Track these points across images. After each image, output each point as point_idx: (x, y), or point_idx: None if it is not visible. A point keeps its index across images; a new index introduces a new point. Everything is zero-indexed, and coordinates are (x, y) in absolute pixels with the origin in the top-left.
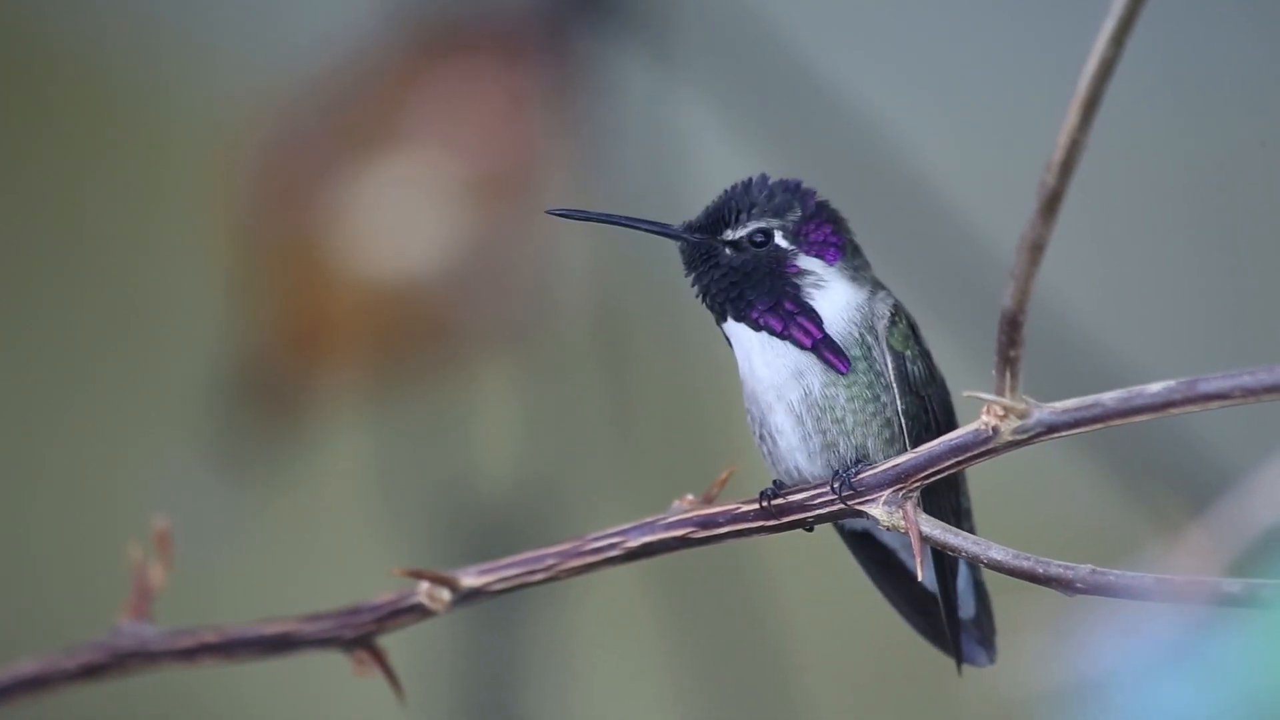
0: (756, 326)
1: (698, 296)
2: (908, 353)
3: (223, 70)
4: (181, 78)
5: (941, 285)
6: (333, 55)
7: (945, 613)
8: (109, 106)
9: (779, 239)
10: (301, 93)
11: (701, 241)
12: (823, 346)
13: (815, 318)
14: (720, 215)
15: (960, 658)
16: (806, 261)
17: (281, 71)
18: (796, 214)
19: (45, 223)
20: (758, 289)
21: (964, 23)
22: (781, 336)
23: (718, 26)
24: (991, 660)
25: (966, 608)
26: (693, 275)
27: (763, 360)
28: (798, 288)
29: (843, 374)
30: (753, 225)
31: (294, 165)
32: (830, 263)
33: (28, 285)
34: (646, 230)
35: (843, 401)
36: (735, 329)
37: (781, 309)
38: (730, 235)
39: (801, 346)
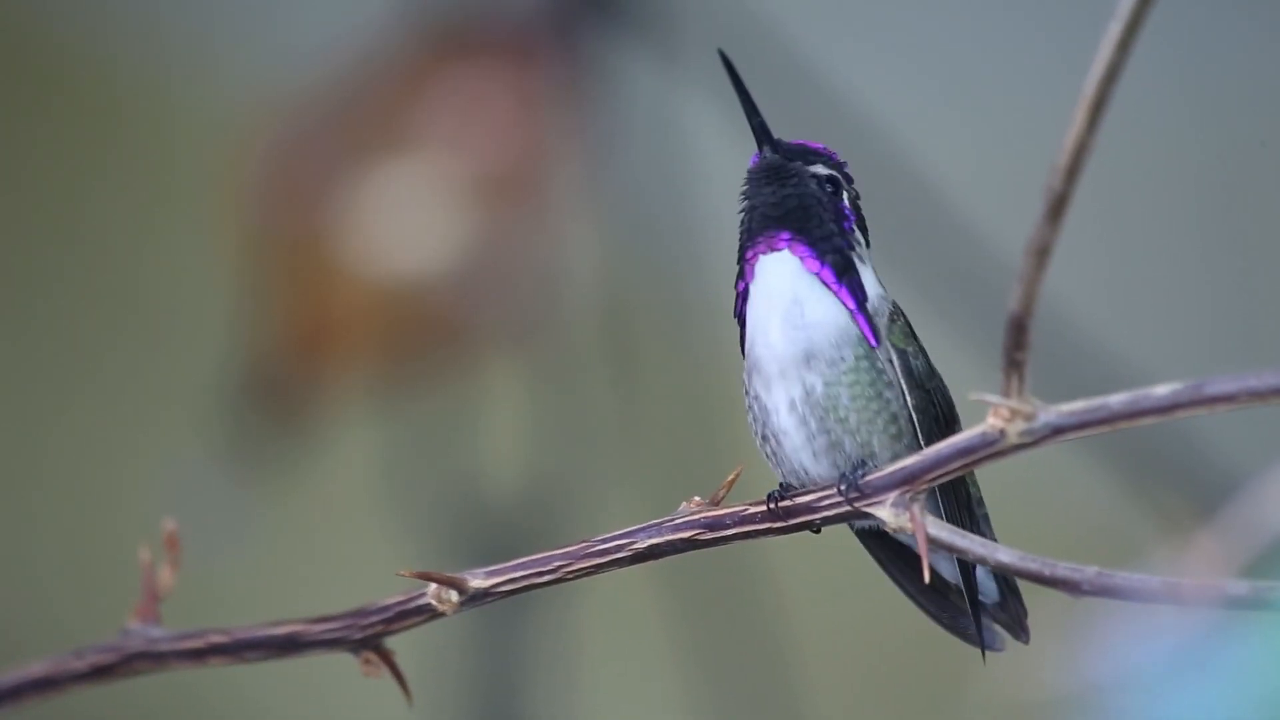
0: (822, 257)
1: (755, 214)
2: (910, 349)
3: (231, 71)
4: (190, 79)
5: (948, 287)
6: (341, 57)
7: (969, 602)
8: (117, 107)
9: (844, 198)
10: (310, 94)
11: (789, 162)
12: (860, 313)
13: (860, 284)
14: (806, 152)
15: (984, 646)
16: (856, 232)
17: (290, 73)
18: (852, 187)
19: (53, 223)
20: (824, 228)
21: (971, 24)
22: (836, 285)
23: (723, 27)
24: (1025, 641)
25: (989, 593)
26: (765, 188)
27: (781, 330)
28: (852, 247)
29: (874, 348)
30: (831, 172)
31: (302, 166)
32: (867, 246)
33: (35, 285)
34: (753, 122)
35: (845, 401)
36: (773, 271)
37: (840, 259)
38: (820, 171)
39: (845, 306)
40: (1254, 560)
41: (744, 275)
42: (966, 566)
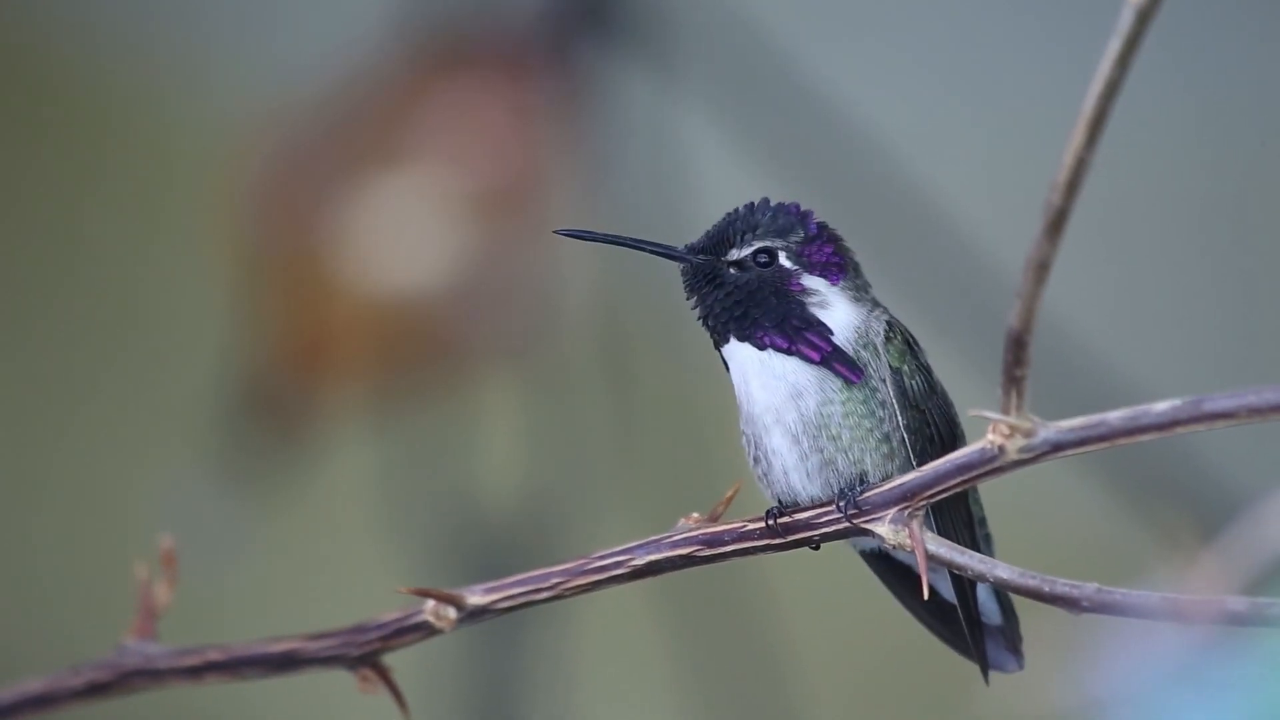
0: (761, 345)
1: (700, 319)
2: (904, 368)
3: (227, 85)
4: (187, 93)
5: (947, 303)
6: (337, 71)
7: (965, 623)
8: (113, 122)
9: (783, 259)
10: (306, 108)
11: (705, 262)
12: (833, 359)
13: (824, 330)
14: (723, 236)
15: (985, 666)
16: (810, 281)
17: (286, 87)
18: (799, 235)
19: (49, 239)
20: (762, 307)
21: (969, 38)
22: (788, 352)
23: (719, 42)
24: (1020, 666)
25: (992, 615)
26: (695, 297)
27: (760, 382)
28: (803, 305)
29: (855, 383)
30: (756, 245)
31: (298, 180)
32: (834, 283)
33: (31, 301)
34: (650, 251)
35: (838, 419)
36: (735, 350)
37: (787, 325)
38: (734, 255)
39: (810, 361)
40: (1258, 579)
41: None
42: (963, 586)
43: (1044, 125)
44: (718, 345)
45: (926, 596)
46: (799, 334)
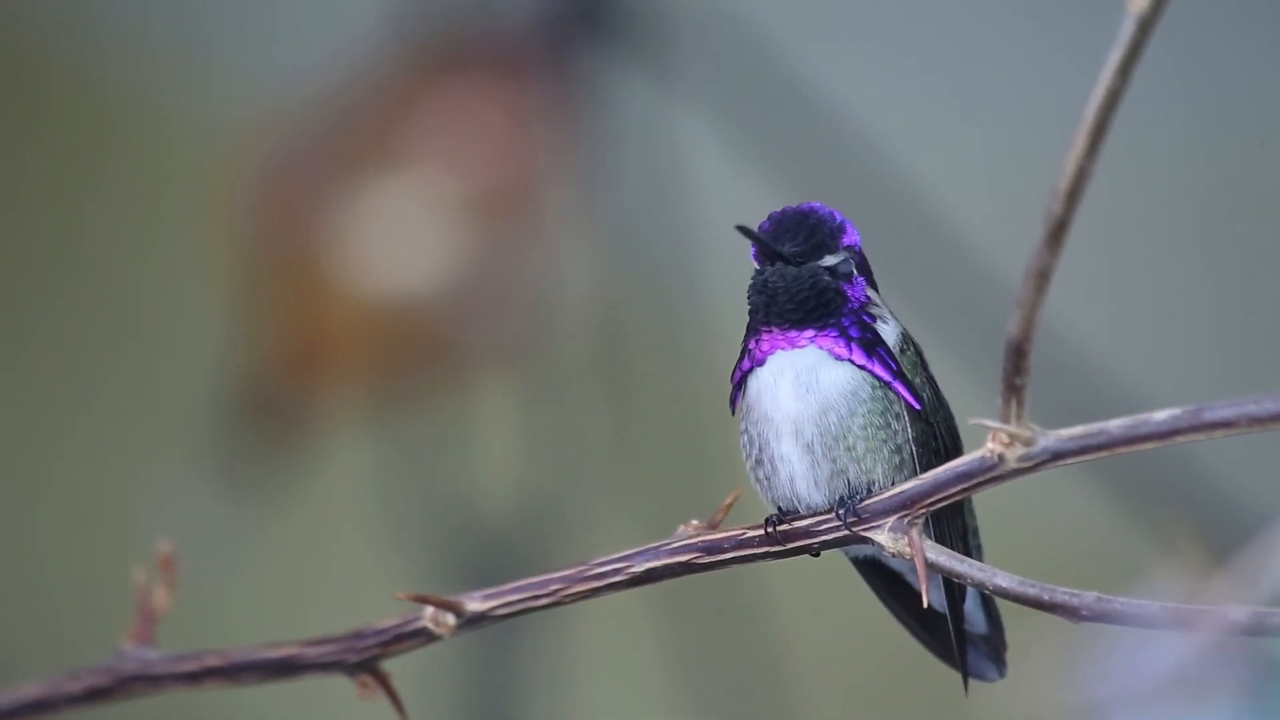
0: (849, 343)
1: (774, 309)
2: (916, 380)
3: (224, 89)
4: (183, 97)
5: (948, 310)
6: (333, 74)
7: (954, 632)
8: (110, 125)
9: (852, 267)
10: (302, 111)
11: (812, 268)
12: (899, 380)
13: (889, 350)
14: (819, 240)
15: (967, 676)
16: (870, 292)
17: (282, 90)
18: (854, 244)
19: (46, 243)
20: (849, 316)
21: (969, 43)
22: (868, 362)
23: (717, 44)
24: (1002, 675)
25: (977, 624)
26: (784, 294)
27: (793, 393)
28: (873, 318)
29: (918, 410)
30: (842, 254)
31: (295, 183)
32: (877, 293)
33: (28, 306)
34: (767, 252)
35: (856, 429)
36: (795, 359)
37: (866, 340)
38: (830, 261)
39: (881, 380)
40: (1267, 605)
41: (752, 358)
42: (954, 595)
43: (1046, 130)
44: (761, 348)
45: (927, 605)
46: (873, 350)
